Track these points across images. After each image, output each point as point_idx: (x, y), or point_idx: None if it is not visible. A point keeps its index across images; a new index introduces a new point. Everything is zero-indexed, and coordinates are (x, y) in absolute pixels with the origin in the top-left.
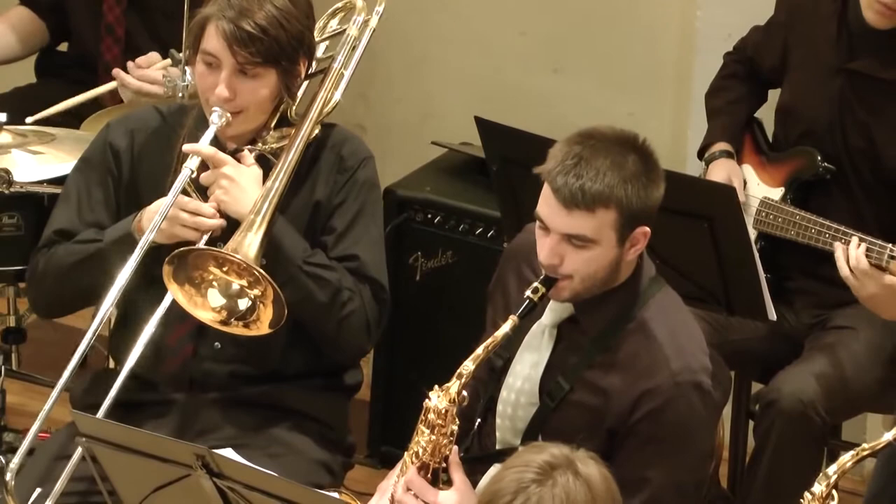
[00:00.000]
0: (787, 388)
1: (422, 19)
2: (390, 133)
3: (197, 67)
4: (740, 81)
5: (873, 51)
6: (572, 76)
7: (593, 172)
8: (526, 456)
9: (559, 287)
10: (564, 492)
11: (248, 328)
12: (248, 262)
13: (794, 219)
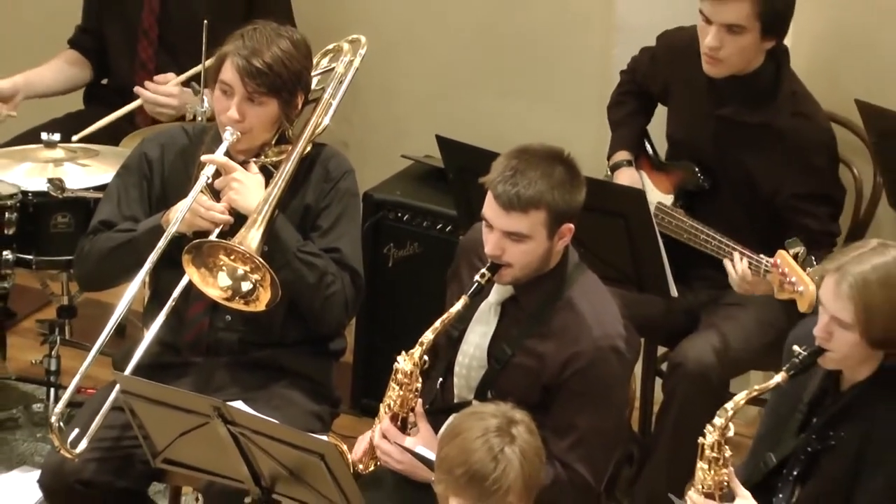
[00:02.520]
0: (690, 354)
1: (393, 58)
2: (368, 149)
3: (215, 93)
4: (634, 97)
5: (738, 98)
6: (514, 102)
7: (527, 181)
8: (480, 423)
9: (502, 273)
10: (524, 441)
11: (248, 305)
12: (251, 252)
13: (684, 226)
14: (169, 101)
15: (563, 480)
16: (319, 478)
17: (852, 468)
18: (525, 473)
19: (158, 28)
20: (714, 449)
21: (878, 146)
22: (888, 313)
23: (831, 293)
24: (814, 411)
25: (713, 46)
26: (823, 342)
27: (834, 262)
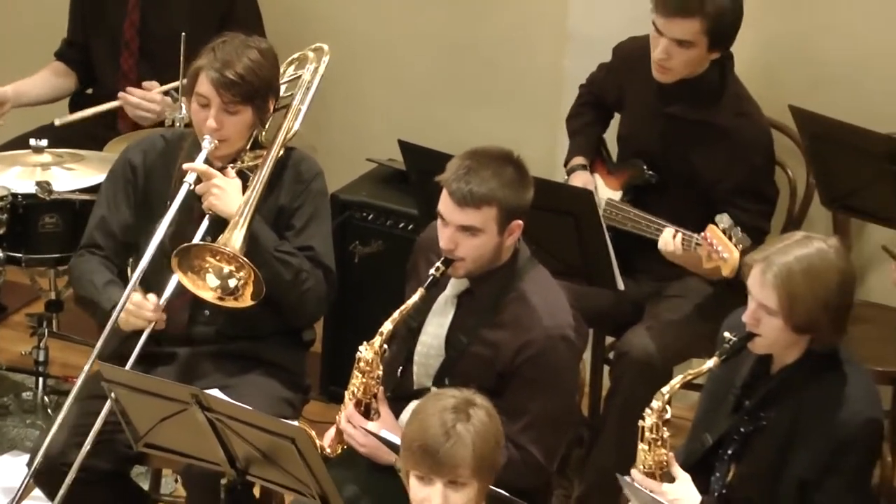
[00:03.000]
0: (635, 342)
1: (358, 68)
2: (335, 153)
3: (192, 105)
4: (591, 108)
5: (683, 98)
6: (471, 108)
7: (479, 179)
8: (438, 402)
9: (455, 266)
10: (479, 422)
11: (237, 301)
12: (235, 252)
13: (629, 216)
14: (152, 106)
15: (516, 461)
16: (291, 460)
17: (782, 447)
18: (478, 452)
19: (139, 40)
20: (653, 431)
21: (811, 149)
22: (810, 301)
23: (758, 282)
24: (746, 394)
25: (662, 58)
26: (752, 328)
27: (761, 253)
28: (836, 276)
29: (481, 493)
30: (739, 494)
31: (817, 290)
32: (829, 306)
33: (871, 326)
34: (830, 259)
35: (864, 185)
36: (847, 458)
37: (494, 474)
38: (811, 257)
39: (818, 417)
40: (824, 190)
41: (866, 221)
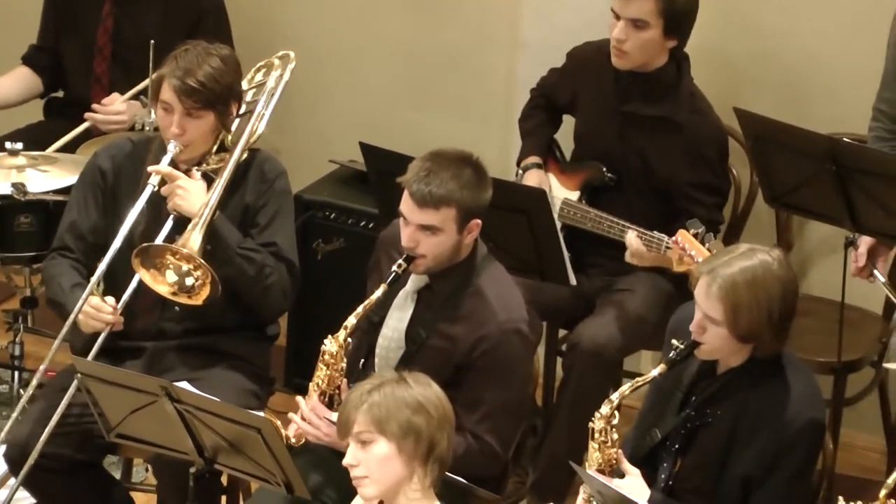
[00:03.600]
0: (586, 335)
1: (321, 73)
2: (298, 154)
3: (157, 111)
4: (543, 110)
5: (639, 95)
6: (429, 112)
7: (439, 181)
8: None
9: (416, 263)
10: (419, 391)
11: (191, 299)
12: (193, 253)
13: (589, 215)
14: (119, 118)
15: (474, 450)
16: (257, 449)
17: (726, 443)
18: (376, 408)
19: (112, 45)
20: (602, 434)
21: (754, 149)
22: (754, 312)
23: (703, 293)
24: (692, 391)
25: (620, 39)
26: (697, 336)
27: (707, 265)
28: (778, 287)
29: (407, 458)
30: (684, 486)
31: (761, 301)
32: (772, 316)
33: (812, 319)
34: (773, 270)
35: (805, 183)
36: (790, 456)
37: (424, 444)
38: (755, 269)
39: (762, 418)
40: (767, 188)
41: (807, 218)
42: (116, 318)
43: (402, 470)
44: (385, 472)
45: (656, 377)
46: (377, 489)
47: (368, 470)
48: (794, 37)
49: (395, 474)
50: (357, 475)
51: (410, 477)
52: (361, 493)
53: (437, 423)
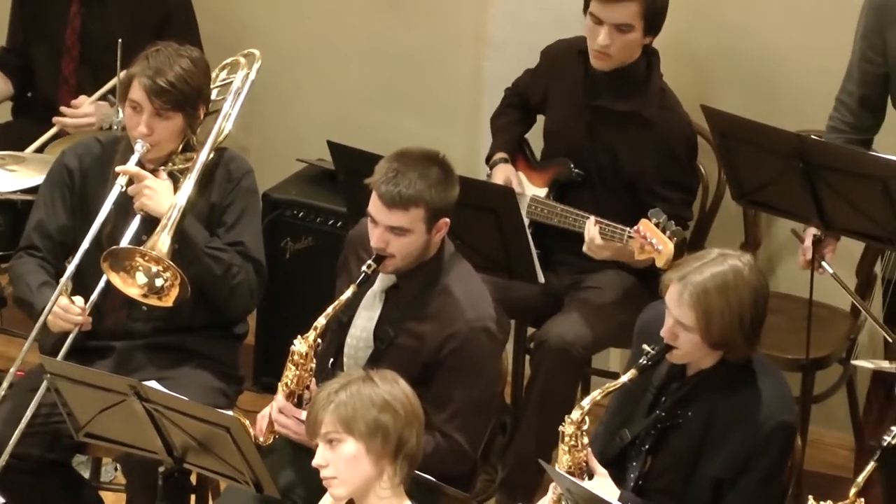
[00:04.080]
0: (553, 332)
1: (289, 72)
2: (266, 153)
3: (126, 110)
4: (515, 109)
5: (610, 91)
6: (395, 110)
7: (407, 181)
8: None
9: (385, 264)
10: (386, 389)
11: (161, 300)
12: (162, 255)
13: (556, 210)
14: (87, 120)
15: (442, 448)
16: (226, 448)
17: (697, 444)
18: (343, 408)
19: (80, 46)
20: (572, 438)
21: (722, 146)
22: (726, 318)
23: (675, 300)
24: (662, 393)
25: (605, 44)
26: (669, 342)
27: (678, 272)
28: (749, 293)
29: (375, 457)
30: (654, 486)
31: (732, 307)
32: (743, 322)
33: (780, 316)
34: (744, 276)
35: (773, 180)
36: (761, 459)
37: (392, 442)
38: (726, 275)
39: (733, 420)
40: (735, 185)
41: (775, 215)
42: (85, 319)
43: (371, 469)
44: (354, 472)
45: (626, 383)
46: (346, 489)
47: (337, 470)
48: (762, 33)
49: (364, 473)
50: (326, 476)
51: (380, 475)
52: (331, 493)
53: (405, 421)
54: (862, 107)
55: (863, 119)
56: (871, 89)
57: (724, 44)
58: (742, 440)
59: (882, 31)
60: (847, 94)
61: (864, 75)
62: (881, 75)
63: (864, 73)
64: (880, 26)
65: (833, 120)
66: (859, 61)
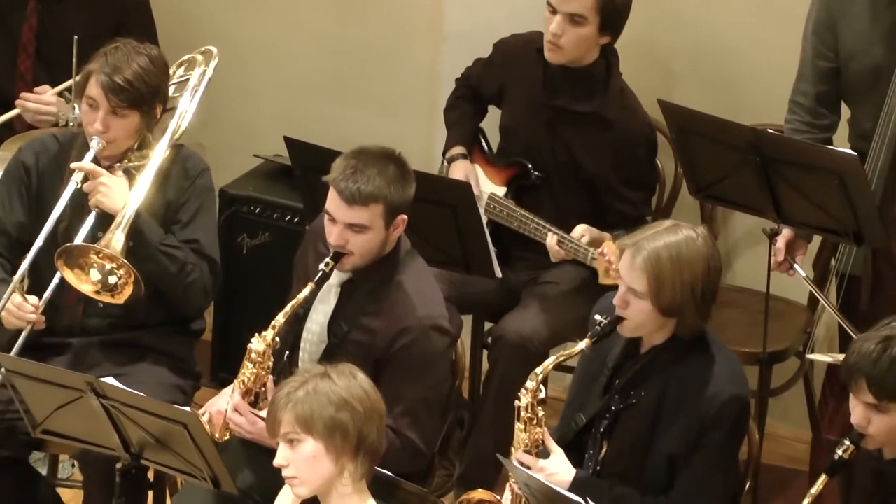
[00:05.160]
0: (511, 327)
1: (245, 67)
2: (223, 149)
3: (83, 107)
4: (467, 101)
5: (568, 90)
6: (353, 105)
7: (365, 178)
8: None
9: (344, 262)
10: (343, 386)
11: (114, 297)
12: (115, 253)
13: (515, 214)
14: (49, 109)
15: (396, 447)
16: (183, 444)
17: (651, 423)
18: (301, 408)
19: (37, 43)
20: (528, 410)
21: (678, 140)
22: (677, 285)
23: (627, 265)
24: (616, 374)
25: (556, 34)
26: (621, 310)
27: (631, 239)
28: (702, 262)
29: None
30: (611, 469)
31: (684, 275)
32: (695, 291)
33: (738, 310)
34: (698, 246)
35: (730, 174)
36: (713, 434)
37: (351, 439)
38: (679, 244)
39: (685, 396)
40: (691, 180)
41: (732, 210)
42: (38, 318)
43: (332, 467)
44: (314, 471)
45: (584, 350)
46: (308, 488)
47: (298, 470)
48: (719, 30)
49: (325, 472)
50: (287, 475)
51: (341, 473)
52: (294, 492)
53: (364, 417)
54: (819, 104)
55: (822, 117)
56: (828, 86)
57: (685, 41)
58: (694, 414)
59: (833, 26)
60: (801, 94)
61: (818, 72)
62: (835, 70)
63: (818, 69)
64: (831, 20)
65: (791, 122)
66: (812, 59)
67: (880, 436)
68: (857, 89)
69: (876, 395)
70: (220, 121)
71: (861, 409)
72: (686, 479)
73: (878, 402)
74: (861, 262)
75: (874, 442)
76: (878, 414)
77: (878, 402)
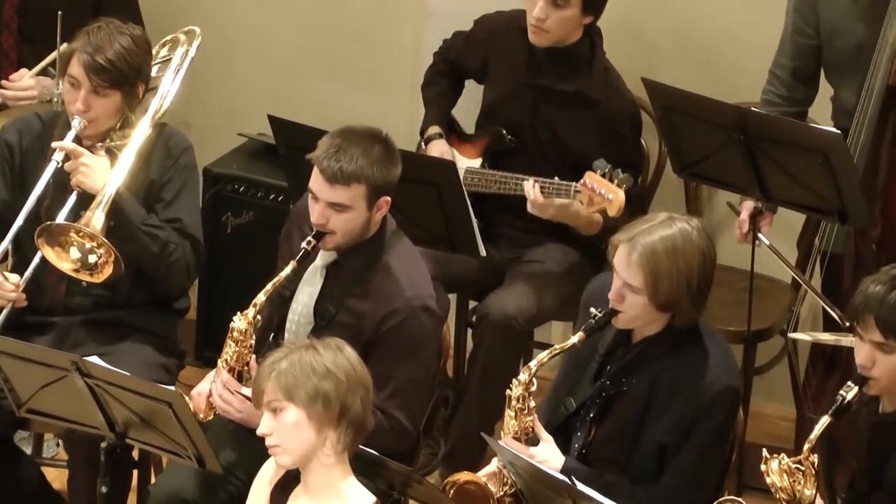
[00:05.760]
0: (495, 305)
1: (229, 46)
2: (207, 128)
3: (65, 85)
4: (445, 77)
5: (553, 70)
6: (337, 84)
7: (349, 158)
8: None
9: (326, 240)
10: (329, 357)
11: (93, 276)
12: (95, 232)
13: (493, 178)
14: (28, 93)
15: (384, 427)
16: (168, 423)
17: (641, 412)
18: (285, 376)
19: (18, 19)
20: (519, 401)
21: (662, 119)
22: (674, 279)
23: (623, 261)
24: (608, 361)
25: (540, 18)
26: (616, 304)
27: (626, 234)
28: (697, 255)
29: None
30: (598, 454)
31: (681, 269)
32: (690, 284)
33: (722, 289)
34: (693, 239)
35: (713, 153)
36: (706, 423)
37: (334, 409)
38: (675, 238)
39: (678, 385)
40: (676, 159)
41: (716, 188)
42: (19, 296)
43: (314, 436)
44: (296, 440)
45: (575, 344)
46: (291, 457)
47: (280, 438)
48: (703, 9)
49: (307, 441)
50: (270, 444)
51: (323, 443)
52: (277, 461)
53: (348, 387)
54: (795, 79)
55: (796, 91)
56: (805, 61)
57: (669, 21)
58: (686, 404)
59: (814, 4)
60: (779, 66)
61: (797, 48)
62: (814, 47)
63: (797, 45)
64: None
65: (766, 93)
66: (792, 34)
67: (884, 378)
68: (839, 67)
69: (883, 333)
70: (204, 100)
71: (867, 349)
72: (677, 467)
73: (885, 341)
74: (843, 240)
75: (877, 386)
76: (883, 354)
77: (885, 341)
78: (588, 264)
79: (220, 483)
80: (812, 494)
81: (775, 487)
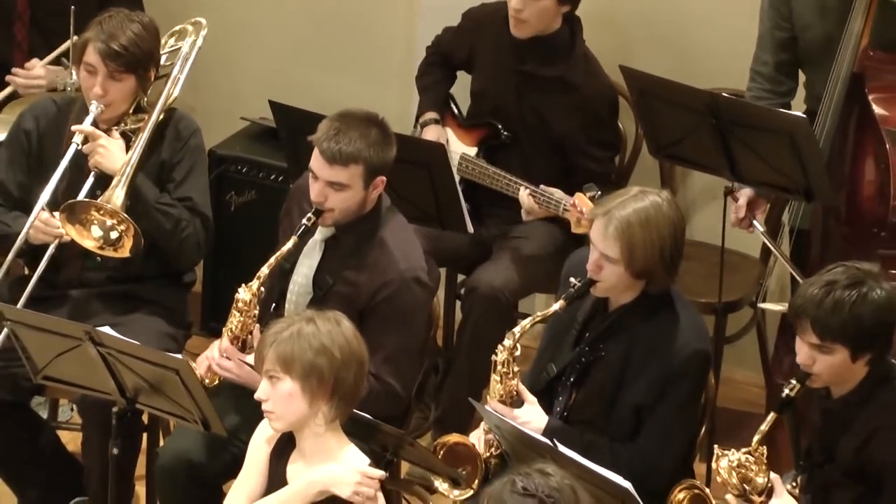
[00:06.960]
0: (483, 279)
1: (233, 35)
2: (212, 112)
3: (81, 73)
4: (438, 67)
5: (535, 57)
6: (333, 71)
7: (347, 140)
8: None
9: (324, 217)
10: (326, 332)
11: (117, 251)
12: (116, 208)
13: (487, 172)
14: (38, 82)
15: (376, 391)
16: (175, 389)
17: (618, 375)
18: (282, 349)
19: (31, 10)
20: (504, 365)
21: (639, 104)
22: (648, 249)
23: (600, 234)
24: (586, 328)
25: (518, 9)
26: (594, 275)
27: (602, 208)
28: (668, 225)
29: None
30: (579, 417)
31: (654, 238)
32: (663, 253)
33: (696, 263)
34: (664, 211)
35: (687, 136)
36: (678, 385)
37: (327, 383)
38: (647, 210)
39: (652, 350)
40: (651, 141)
41: (689, 169)
42: (63, 231)
43: (306, 407)
44: (289, 409)
45: (557, 312)
46: (283, 424)
47: (275, 405)
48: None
49: (299, 411)
50: (266, 409)
51: (315, 414)
52: (270, 426)
53: (342, 363)
54: (779, 72)
55: (780, 84)
56: (787, 54)
57: (644, 9)
58: (660, 367)
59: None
60: (762, 63)
61: (777, 42)
62: (791, 38)
63: (777, 39)
64: None
65: (752, 90)
66: (770, 30)
67: (824, 374)
68: (811, 56)
69: (819, 336)
70: (208, 85)
71: (806, 349)
72: (652, 426)
73: (822, 343)
74: (810, 216)
75: (819, 381)
76: (822, 354)
77: (821, 343)
78: (570, 240)
79: (224, 445)
80: (764, 482)
81: (725, 484)
